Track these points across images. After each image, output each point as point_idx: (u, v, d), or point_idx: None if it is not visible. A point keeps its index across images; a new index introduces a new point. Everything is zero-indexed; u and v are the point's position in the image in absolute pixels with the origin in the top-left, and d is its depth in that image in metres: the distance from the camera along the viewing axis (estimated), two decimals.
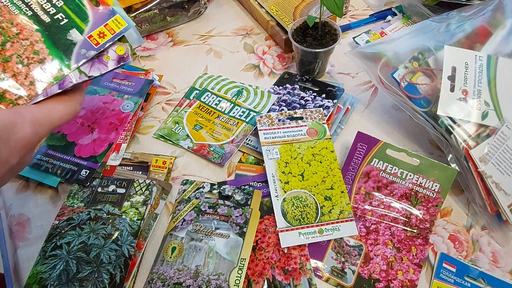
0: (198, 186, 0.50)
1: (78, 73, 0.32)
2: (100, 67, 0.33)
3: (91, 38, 0.32)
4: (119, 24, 0.33)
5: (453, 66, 0.49)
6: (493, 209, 0.46)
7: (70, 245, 0.44)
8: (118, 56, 0.34)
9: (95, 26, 0.33)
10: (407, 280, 0.43)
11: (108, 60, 0.33)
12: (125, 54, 0.34)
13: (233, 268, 0.42)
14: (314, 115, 0.55)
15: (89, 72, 0.32)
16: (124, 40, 0.34)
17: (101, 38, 0.32)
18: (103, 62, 0.33)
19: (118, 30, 0.33)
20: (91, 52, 0.32)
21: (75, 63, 0.31)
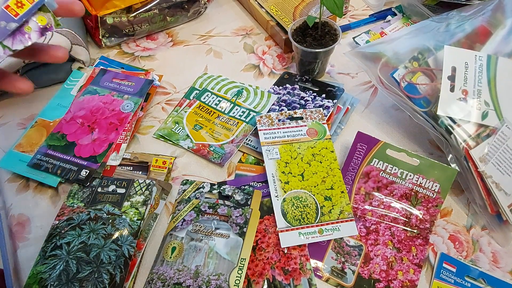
0: (198, 186, 0.50)
1: (1, 48, 0.30)
2: (23, 39, 0.31)
3: (9, 8, 0.30)
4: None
5: (453, 66, 0.49)
6: (493, 209, 0.46)
7: (70, 245, 0.44)
8: (40, 27, 0.32)
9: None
10: (407, 280, 0.43)
11: (30, 31, 0.31)
12: (47, 24, 0.32)
13: (233, 268, 0.42)
14: (314, 115, 0.55)
15: (13, 45, 0.31)
16: (45, 10, 0.32)
17: (20, 8, 0.30)
18: (25, 34, 0.31)
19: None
20: (11, 24, 0.30)
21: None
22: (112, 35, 0.66)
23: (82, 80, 0.61)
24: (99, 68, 0.62)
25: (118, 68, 0.64)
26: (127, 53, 0.68)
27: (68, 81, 0.61)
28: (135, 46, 0.70)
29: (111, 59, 0.66)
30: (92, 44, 0.69)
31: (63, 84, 0.61)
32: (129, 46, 0.70)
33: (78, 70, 0.64)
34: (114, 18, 0.65)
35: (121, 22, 0.65)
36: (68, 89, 0.60)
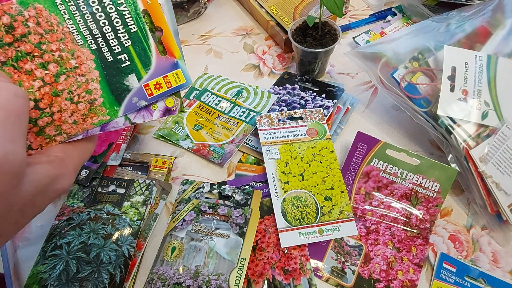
0: (198, 186, 0.50)
1: (123, 119, 0.30)
2: (145, 115, 0.31)
3: (147, 87, 0.30)
4: (177, 79, 0.31)
5: (453, 66, 0.49)
6: (493, 209, 0.46)
7: (70, 245, 0.44)
8: (166, 108, 0.31)
9: (154, 76, 0.30)
10: (407, 280, 0.43)
11: (155, 109, 0.31)
12: (173, 107, 0.32)
13: (233, 268, 0.42)
14: (314, 115, 0.55)
15: (134, 119, 0.30)
16: (177, 95, 0.32)
17: (156, 89, 0.30)
18: (149, 111, 0.31)
19: (175, 85, 0.31)
20: (142, 102, 0.30)
21: (123, 111, 0.29)
22: None
23: None
24: None
25: None
26: None
27: None
28: None
29: None
30: None
31: None
32: None
33: None
34: None
35: None
36: None
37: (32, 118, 0.27)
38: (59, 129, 0.28)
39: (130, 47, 0.29)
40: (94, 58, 0.28)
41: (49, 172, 0.25)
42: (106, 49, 0.28)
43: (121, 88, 0.29)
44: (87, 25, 0.27)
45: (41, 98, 0.27)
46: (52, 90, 0.27)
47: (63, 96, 0.28)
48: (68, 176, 0.27)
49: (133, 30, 0.29)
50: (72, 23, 0.27)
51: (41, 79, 0.26)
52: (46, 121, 0.27)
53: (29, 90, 0.26)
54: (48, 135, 0.27)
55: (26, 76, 0.26)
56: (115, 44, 0.29)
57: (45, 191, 0.25)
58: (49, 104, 0.27)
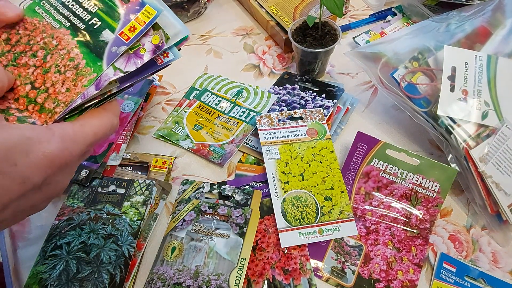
0: (198, 186, 0.50)
1: (112, 70, 0.32)
2: (136, 61, 0.33)
3: (122, 34, 0.32)
4: (148, 14, 0.33)
5: (453, 66, 0.49)
6: (493, 209, 0.46)
7: (70, 245, 0.44)
8: (153, 46, 0.33)
9: (126, 22, 0.33)
10: (407, 280, 0.43)
11: (144, 52, 0.33)
12: (160, 42, 0.33)
13: (233, 268, 0.42)
14: (314, 115, 0.55)
15: (125, 67, 0.32)
16: (156, 27, 0.34)
17: (132, 32, 0.32)
18: (138, 56, 0.33)
19: (148, 20, 0.33)
20: (121, 48, 0.32)
21: (106, 63, 0.32)
22: None
23: None
24: None
25: None
26: None
27: None
28: None
29: None
30: None
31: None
32: None
33: None
34: None
35: None
36: None
37: (32, 98, 0.30)
38: (56, 100, 0.31)
39: (98, 11, 0.33)
40: (70, 31, 0.32)
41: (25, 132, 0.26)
42: (77, 21, 0.33)
43: (99, 45, 0.32)
44: (60, 12, 0.33)
45: (35, 79, 0.31)
46: (42, 69, 0.31)
47: (52, 71, 0.31)
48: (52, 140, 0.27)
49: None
50: (49, 16, 0.33)
51: (33, 66, 0.31)
52: (43, 97, 0.31)
53: (26, 77, 0.31)
54: (49, 109, 0.31)
55: (23, 68, 0.31)
56: (84, 15, 0.33)
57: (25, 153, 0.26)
58: (43, 81, 0.31)
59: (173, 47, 0.35)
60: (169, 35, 0.34)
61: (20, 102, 0.30)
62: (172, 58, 0.35)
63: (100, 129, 0.31)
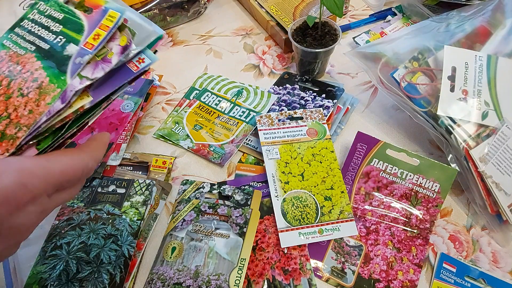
0: (198, 186, 0.50)
1: (78, 79, 0.30)
2: (104, 66, 0.31)
3: (87, 44, 0.31)
4: (112, 18, 0.31)
5: (453, 66, 0.49)
6: (493, 209, 0.46)
7: (70, 245, 0.44)
8: (121, 48, 0.32)
9: (90, 32, 0.31)
10: (407, 280, 0.43)
11: (112, 56, 0.31)
12: (127, 41, 0.32)
13: (233, 268, 0.42)
14: (314, 115, 0.55)
15: (92, 74, 0.31)
16: (122, 29, 0.32)
17: (96, 39, 0.31)
18: (106, 60, 0.31)
19: (112, 24, 0.31)
20: (85, 57, 0.30)
21: (70, 75, 0.30)
22: None
23: None
24: None
25: None
26: None
27: None
28: None
29: None
30: None
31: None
32: None
33: None
34: None
35: None
36: None
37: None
38: (18, 125, 0.29)
39: (62, 29, 0.32)
40: (35, 54, 0.31)
41: None
42: (42, 43, 0.32)
43: (62, 60, 0.31)
44: (26, 40, 0.32)
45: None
46: (5, 96, 0.30)
47: (14, 96, 0.30)
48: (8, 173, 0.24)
49: (61, 17, 0.32)
50: (15, 46, 0.32)
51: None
52: (5, 124, 0.29)
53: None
54: (10, 136, 0.29)
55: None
56: (49, 36, 0.32)
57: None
58: (5, 108, 0.29)
59: (147, 50, 0.33)
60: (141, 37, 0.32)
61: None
62: (148, 62, 0.33)
63: (69, 167, 0.28)
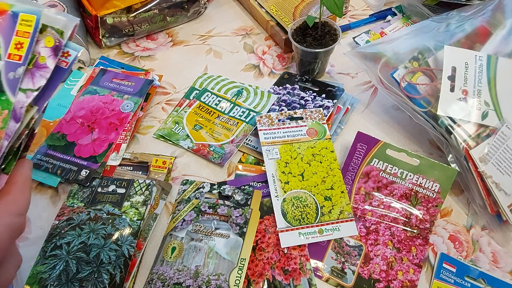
0: (198, 186, 0.50)
1: (23, 94, 0.28)
2: (42, 73, 0.29)
3: (11, 56, 0.28)
4: (28, 22, 0.28)
5: (453, 66, 0.49)
6: (493, 209, 0.46)
7: (70, 245, 0.44)
8: (51, 50, 0.29)
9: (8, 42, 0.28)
10: (407, 280, 0.43)
11: (44, 61, 0.29)
12: (55, 41, 0.29)
13: (233, 268, 0.42)
14: (314, 115, 0.55)
15: (34, 85, 0.28)
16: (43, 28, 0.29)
17: (21, 48, 0.28)
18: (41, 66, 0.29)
19: (31, 28, 0.28)
20: (19, 70, 0.28)
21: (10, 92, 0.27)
22: (112, 35, 0.66)
23: (82, 80, 0.61)
24: (99, 68, 0.62)
25: (118, 68, 0.64)
26: (127, 53, 0.68)
27: (68, 81, 0.61)
28: (135, 46, 0.70)
29: (111, 59, 0.66)
30: (92, 44, 0.69)
31: (63, 84, 0.61)
32: (129, 46, 0.70)
33: (78, 70, 0.64)
34: (114, 18, 0.65)
35: (121, 22, 0.65)
36: (68, 89, 0.60)
37: None
38: None
39: None
40: None
41: None
42: None
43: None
44: None
45: None
46: None
47: None
48: None
49: None
50: None
51: None
52: None
53: None
54: None
55: None
56: None
57: None
58: None
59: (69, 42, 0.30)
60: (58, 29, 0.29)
61: None
62: (74, 54, 0.30)
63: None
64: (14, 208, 0.26)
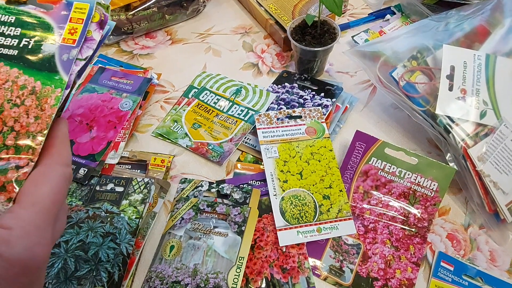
0: (197, 185, 0.50)
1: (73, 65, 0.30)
2: (89, 44, 0.31)
3: (65, 40, 0.30)
4: (82, 10, 0.31)
5: (451, 65, 0.49)
6: (491, 208, 0.46)
7: (68, 244, 0.44)
8: (97, 24, 0.31)
9: (62, 28, 0.31)
10: (405, 279, 0.43)
11: (91, 34, 0.31)
12: (101, 16, 0.32)
13: (231, 266, 0.42)
14: (312, 114, 0.55)
15: (83, 55, 0.31)
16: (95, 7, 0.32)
17: (74, 34, 0.30)
18: (88, 39, 0.31)
19: (85, 16, 0.31)
20: (73, 52, 0.30)
21: (65, 73, 0.29)
22: (111, 33, 0.66)
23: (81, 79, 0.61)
24: (98, 67, 0.62)
25: (116, 66, 0.64)
26: (125, 52, 0.68)
27: None
28: (133, 44, 0.70)
29: (109, 57, 0.66)
30: None
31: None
32: (127, 44, 0.69)
33: None
34: (113, 16, 0.64)
35: (120, 20, 0.65)
36: None
37: (1, 144, 0.27)
38: (29, 133, 0.28)
39: (22, 31, 0.30)
40: (4, 63, 0.29)
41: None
42: (6, 50, 0.30)
43: (45, 60, 0.30)
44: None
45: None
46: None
47: (7, 108, 0.28)
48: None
49: (12, 20, 0.31)
50: None
51: None
52: (13, 137, 0.27)
53: None
54: (27, 146, 0.27)
55: None
56: (9, 41, 0.30)
57: None
58: (2, 123, 0.28)
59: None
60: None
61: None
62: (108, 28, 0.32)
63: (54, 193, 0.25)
64: (62, 159, 0.27)
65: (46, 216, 0.24)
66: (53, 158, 0.27)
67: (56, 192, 0.25)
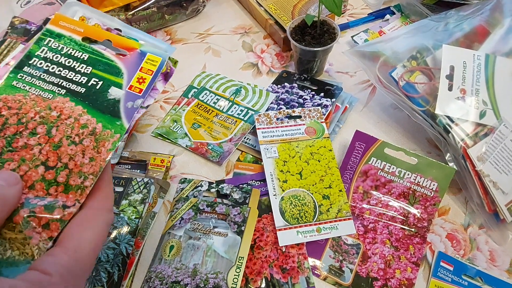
0: (196, 185, 0.50)
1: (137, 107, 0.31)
2: (152, 94, 0.32)
3: (132, 88, 0.31)
4: (154, 62, 0.32)
5: (451, 65, 0.49)
6: (491, 208, 0.46)
7: None
8: (162, 75, 0.33)
9: (131, 75, 0.31)
10: (404, 279, 0.43)
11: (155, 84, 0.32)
12: (167, 68, 0.33)
13: (231, 266, 0.42)
14: (312, 114, 0.55)
15: (145, 103, 0.31)
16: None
17: (142, 83, 0.31)
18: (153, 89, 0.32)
19: (155, 68, 0.32)
20: (138, 101, 0.30)
21: (127, 121, 0.30)
22: None
23: None
24: None
25: None
26: None
27: None
28: None
29: None
30: None
31: None
32: None
33: None
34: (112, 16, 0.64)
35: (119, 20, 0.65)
36: None
37: (52, 180, 0.27)
38: (82, 174, 0.27)
39: (93, 71, 0.31)
40: (70, 99, 0.30)
41: None
42: (74, 86, 0.30)
43: (110, 104, 0.30)
44: (47, 81, 0.30)
45: (47, 158, 0.27)
46: (52, 145, 0.28)
47: (65, 145, 0.28)
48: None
49: (86, 57, 0.31)
50: (35, 88, 0.29)
51: (37, 144, 0.28)
52: (65, 175, 0.27)
53: (33, 159, 0.27)
54: (77, 186, 0.27)
55: (24, 151, 0.27)
56: (79, 78, 0.30)
57: None
58: (58, 158, 0.28)
59: None
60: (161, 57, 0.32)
61: (38, 188, 0.26)
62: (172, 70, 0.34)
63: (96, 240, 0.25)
64: (108, 204, 0.27)
65: (85, 265, 0.24)
66: (99, 202, 0.27)
67: (98, 239, 0.25)
